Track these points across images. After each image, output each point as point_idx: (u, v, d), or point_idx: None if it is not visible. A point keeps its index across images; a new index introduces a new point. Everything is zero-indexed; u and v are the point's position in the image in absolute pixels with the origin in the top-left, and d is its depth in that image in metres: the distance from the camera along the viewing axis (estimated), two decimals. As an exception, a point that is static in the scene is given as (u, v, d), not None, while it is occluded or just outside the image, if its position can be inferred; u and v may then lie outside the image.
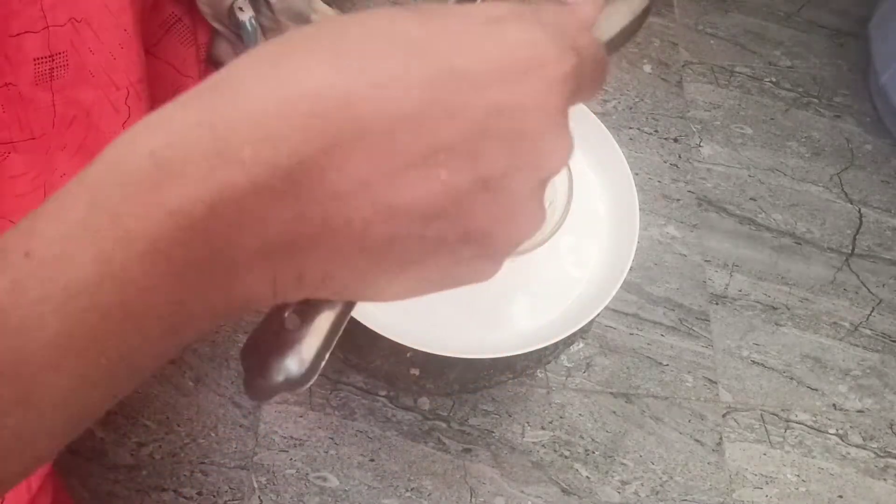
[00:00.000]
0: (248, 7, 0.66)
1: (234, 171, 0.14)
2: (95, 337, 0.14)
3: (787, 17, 0.90)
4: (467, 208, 0.15)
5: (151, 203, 0.14)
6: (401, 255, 0.16)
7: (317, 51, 0.15)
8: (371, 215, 0.15)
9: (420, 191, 0.15)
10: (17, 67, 0.56)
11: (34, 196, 0.55)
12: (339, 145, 0.14)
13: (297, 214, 0.14)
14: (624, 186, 0.54)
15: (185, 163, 0.14)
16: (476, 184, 0.15)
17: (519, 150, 0.15)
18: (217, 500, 0.57)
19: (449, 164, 0.15)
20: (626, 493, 0.61)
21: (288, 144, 0.14)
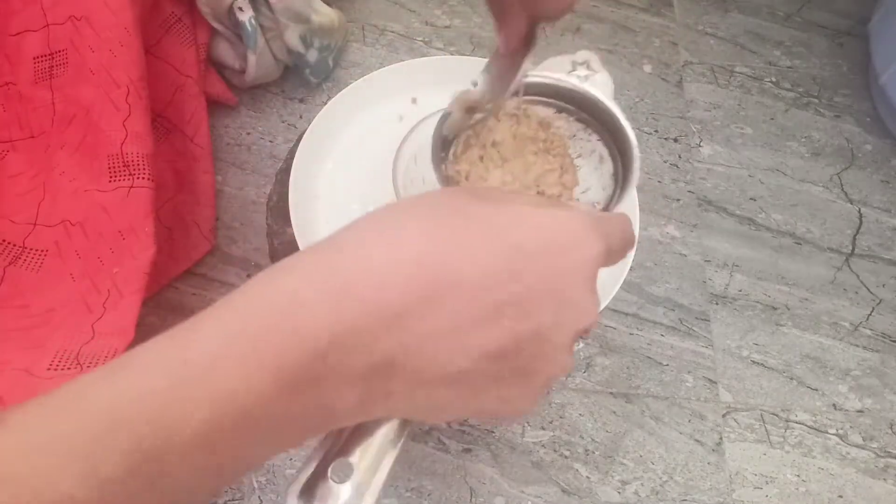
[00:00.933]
0: (248, 7, 0.66)
1: (354, 308, 0.18)
2: (225, 437, 0.17)
3: (787, 17, 0.90)
4: (522, 351, 0.20)
5: (287, 331, 0.17)
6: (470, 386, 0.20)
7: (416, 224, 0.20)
8: (454, 351, 0.19)
9: (492, 334, 0.19)
10: (16, 66, 0.56)
11: (34, 195, 0.55)
12: (434, 296, 0.18)
13: (397, 346, 0.18)
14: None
15: (317, 301, 0.18)
16: (530, 333, 0.20)
17: (561, 307, 0.20)
18: (217, 500, 0.57)
19: (513, 315, 0.19)
20: (626, 493, 0.60)
21: (397, 292, 0.18)
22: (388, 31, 0.82)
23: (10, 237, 0.53)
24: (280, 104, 0.75)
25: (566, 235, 0.21)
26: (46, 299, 0.52)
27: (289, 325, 0.17)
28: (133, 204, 0.53)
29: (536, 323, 0.20)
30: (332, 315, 0.18)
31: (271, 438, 0.19)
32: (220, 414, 0.17)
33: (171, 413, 0.17)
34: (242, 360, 0.17)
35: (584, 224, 0.21)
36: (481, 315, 0.19)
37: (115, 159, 0.53)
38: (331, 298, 0.18)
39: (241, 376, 0.17)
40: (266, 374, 0.17)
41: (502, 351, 0.20)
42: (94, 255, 0.52)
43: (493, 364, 0.20)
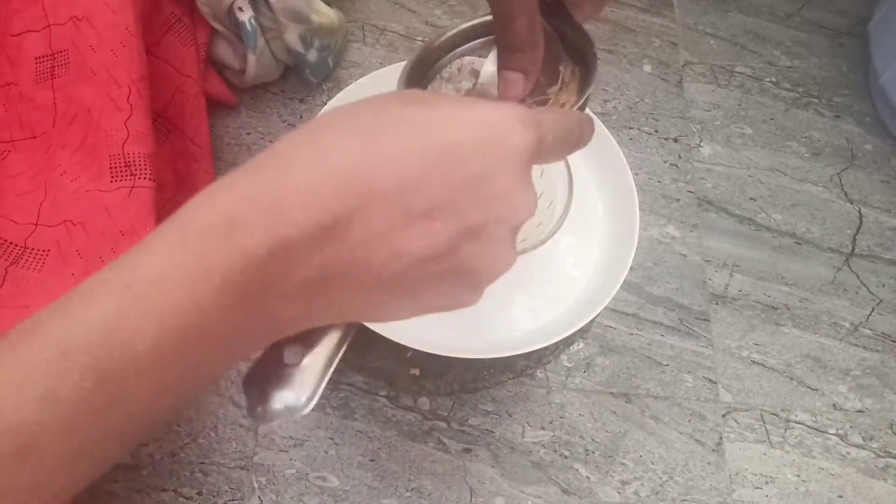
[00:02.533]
0: (248, 7, 0.66)
1: (288, 227, 0.18)
2: (177, 351, 0.18)
3: (787, 17, 0.90)
4: (457, 251, 0.21)
5: (226, 248, 0.18)
6: (407, 287, 0.21)
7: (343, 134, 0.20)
8: (385, 257, 0.20)
9: (421, 238, 0.20)
10: (17, 67, 0.56)
11: (35, 195, 0.55)
12: (362, 206, 0.19)
13: (331, 256, 0.19)
14: (624, 186, 0.54)
15: (252, 220, 0.19)
16: (463, 232, 0.20)
17: (492, 206, 0.21)
18: (217, 500, 0.57)
19: (442, 218, 0.20)
20: (626, 493, 0.60)
21: (326, 208, 0.19)
22: (388, 31, 0.82)
23: (12, 237, 0.54)
24: (280, 104, 0.75)
25: (492, 129, 0.21)
26: (48, 299, 0.52)
27: (228, 243, 0.18)
28: (135, 204, 0.53)
29: (468, 221, 0.20)
30: (266, 233, 0.18)
31: (223, 349, 0.20)
32: (170, 329, 0.18)
33: (122, 333, 0.18)
34: (186, 277, 0.18)
35: (511, 116, 0.21)
36: (409, 219, 0.19)
37: (117, 159, 0.53)
38: (264, 217, 0.18)
39: (186, 292, 0.18)
40: (210, 288, 0.18)
41: (435, 252, 0.20)
42: (96, 255, 0.52)
43: (428, 265, 0.20)
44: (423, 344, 0.46)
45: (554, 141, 0.23)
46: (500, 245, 0.22)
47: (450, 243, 0.20)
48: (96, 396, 0.18)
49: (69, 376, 0.17)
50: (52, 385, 0.17)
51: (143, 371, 0.18)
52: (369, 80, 0.57)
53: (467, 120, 0.21)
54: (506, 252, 0.22)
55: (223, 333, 0.19)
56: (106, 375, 0.18)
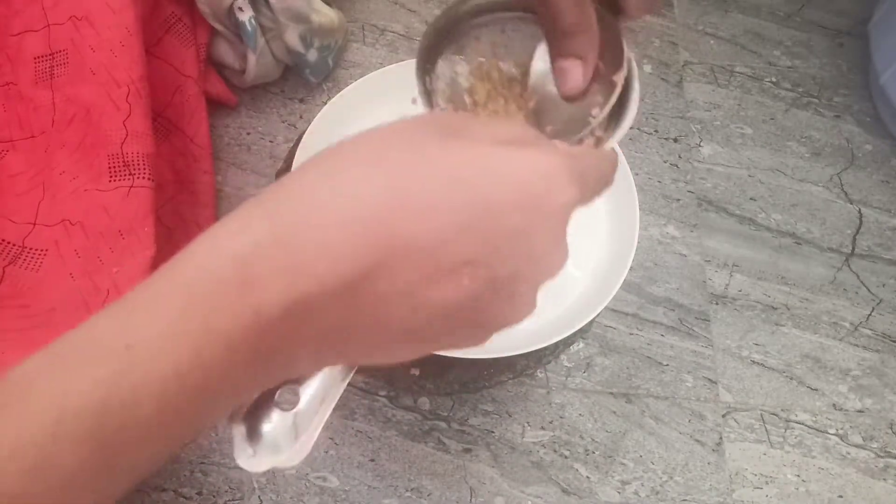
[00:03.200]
0: (248, 7, 0.66)
1: (310, 283, 0.17)
2: (179, 414, 0.17)
3: (787, 17, 0.90)
4: (480, 305, 0.19)
5: (237, 308, 0.17)
6: (420, 337, 0.20)
7: (370, 174, 0.18)
8: (407, 313, 0.18)
9: (446, 294, 0.18)
10: (17, 66, 0.56)
11: (34, 194, 0.55)
12: (388, 261, 0.17)
13: (351, 311, 0.18)
14: (624, 186, 0.54)
15: (268, 275, 0.17)
16: (491, 289, 0.19)
17: (526, 265, 0.19)
18: (217, 500, 0.57)
19: (472, 274, 0.18)
20: (626, 493, 0.60)
21: (351, 261, 0.17)
22: (388, 31, 0.82)
23: (10, 237, 0.53)
24: (280, 104, 0.75)
25: (536, 183, 0.19)
26: (46, 299, 0.52)
27: (240, 301, 0.17)
28: (133, 204, 0.53)
29: (497, 279, 0.19)
30: (283, 291, 0.17)
31: (225, 403, 0.19)
32: (172, 396, 0.17)
33: (120, 402, 0.16)
34: (192, 339, 0.17)
35: (557, 169, 0.19)
36: (437, 276, 0.18)
37: (116, 159, 0.53)
38: (282, 273, 0.17)
39: (191, 354, 0.17)
40: (218, 350, 0.17)
41: (459, 309, 0.19)
42: (94, 255, 0.52)
43: (448, 320, 0.19)
44: (422, 344, 0.45)
45: (592, 191, 0.22)
46: (523, 301, 0.20)
47: (474, 299, 0.19)
48: (92, 463, 0.17)
49: (64, 445, 0.16)
50: (46, 454, 0.16)
51: (143, 435, 0.17)
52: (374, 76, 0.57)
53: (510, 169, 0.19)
54: (527, 307, 0.21)
55: (229, 390, 0.18)
56: (103, 443, 0.16)
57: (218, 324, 0.17)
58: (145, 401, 0.17)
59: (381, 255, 0.17)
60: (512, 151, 0.19)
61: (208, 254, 0.18)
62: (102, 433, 0.16)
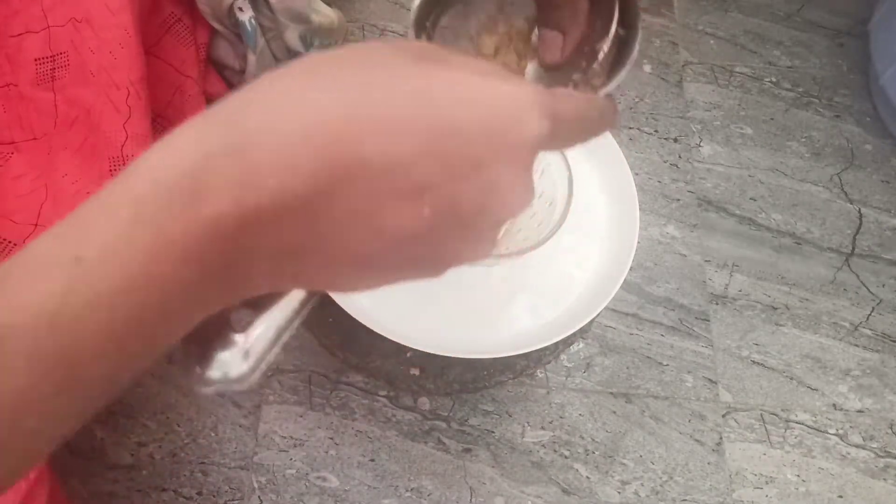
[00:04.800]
0: (248, 7, 0.66)
1: (261, 196, 0.16)
2: (133, 329, 0.17)
3: (787, 17, 0.90)
4: (441, 237, 0.19)
5: (189, 218, 0.16)
6: (379, 265, 0.19)
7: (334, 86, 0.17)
8: (365, 235, 0.18)
9: (406, 220, 0.18)
10: (17, 68, 0.56)
11: (36, 196, 0.55)
12: (346, 178, 0.17)
13: (306, 230, 0.17)
14: (624, 186, 0.54)
15: (219, 185, 0.16)
16: (451, 220, 0.18)
17: (488, 198, 0.19)
18: (217, 500, 0.57)
19: (433, 203, 0.18)
20: (626, 493, 0.61)
21: (306, 177, 0.16)
22: (388, 31, 0.82)
23: (11, 236, 0.54)
24: (280, 104, 0.75)
25: (507, 113, 0.18)
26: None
27: (191, 212, 0.16)
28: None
29: (458, 209, 0.18)
30: (236, 202, 0.16)
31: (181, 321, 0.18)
32: (125, 310, 0.16)
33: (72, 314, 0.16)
34: (143, 251, 0.16)
35: (528, 99, 0.19)
36: (397, 200, 0.17)
37: (116, 161, 0.53)
38: (233, 185, 0.16)
39: (142, 268, 0.16)
40: (169, 264, 0.16)
41: (417, 237, 0.18)
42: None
43: (406, 248, 0.18)
44: (423, 344, 0.46)
45: (567, 132, 0.21)
46: (484, 236, 0.20)
47: (435, 230, 0.18)
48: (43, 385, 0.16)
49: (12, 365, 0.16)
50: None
51: (95, 355, 0.17)
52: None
53: (482, 97, 0.18)
54: (487, 243, 0.20)
55: (182, 307, 0.17)
56: (54, 363, 0.16)
57: (168, 235, 0.16)
58: (97, 315, 0.16)
59: (340, 172, 0.17)
60: (485, 79, 0.18)
61: (160, 164, 0.17)
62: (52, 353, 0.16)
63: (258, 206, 0.16)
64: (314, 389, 0.61)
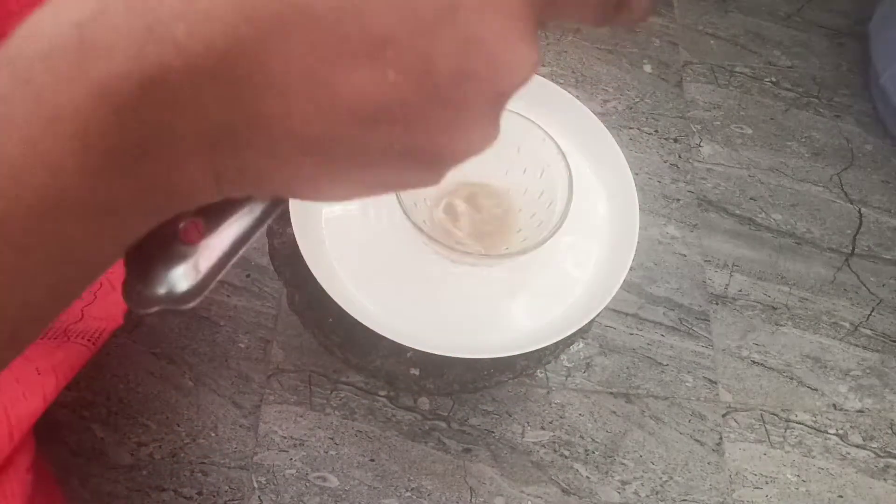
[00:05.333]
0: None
1: (166, 50, 0.13)
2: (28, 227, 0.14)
3: (787, 17, 0.90)
4: (415, 115, 0.14)
5: (77, 78, 0.13)
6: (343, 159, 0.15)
7: None
8: (311, 110, 0.14)
9: (365, 88, 0.13)
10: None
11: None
12: (279, 28, 0.13)
13: (234, 100, 0.13)
14: (624, 186, 0.54)
15: (112, 37, 0.13)
16: (426, 89, 0.14)
17: (474, 56, 0.14)
18: (217, 500, 0.57)
19: (397, 63, 0.13)
20: (626, 493, 0.61)
21: (224, 23, 0.13)
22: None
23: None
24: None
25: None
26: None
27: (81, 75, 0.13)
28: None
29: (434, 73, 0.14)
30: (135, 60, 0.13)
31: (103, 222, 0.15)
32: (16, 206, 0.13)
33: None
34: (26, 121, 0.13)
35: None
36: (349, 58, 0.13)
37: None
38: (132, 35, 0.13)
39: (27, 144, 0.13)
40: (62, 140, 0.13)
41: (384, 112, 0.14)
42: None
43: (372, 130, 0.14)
44: (423, 344, 0.46)
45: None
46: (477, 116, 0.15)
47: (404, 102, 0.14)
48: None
49: None
50: None
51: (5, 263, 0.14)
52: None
53: None
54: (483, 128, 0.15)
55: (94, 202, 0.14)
56: None
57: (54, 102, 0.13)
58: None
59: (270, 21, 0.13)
60: None
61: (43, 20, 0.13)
62: None
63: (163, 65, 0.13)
64: (314, 389, 0.61)
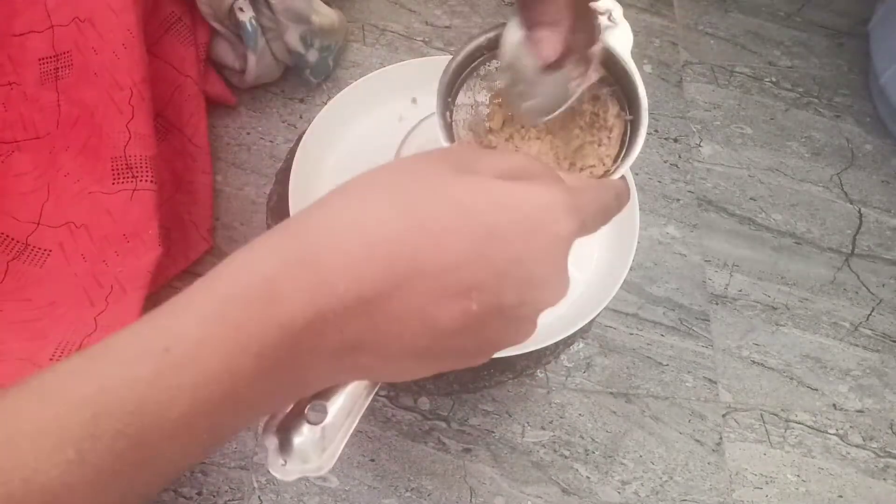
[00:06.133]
0: (249, 7, 0.66)
1: (330, 300, 0.19)
2: (208, 417, 0.19)
3: (787, 17, 0.90)
4: (485, 328, 0.21)
5: (266, 320, 0.18)
6: (432, 356, 0.21)
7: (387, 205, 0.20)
8: (419, 330, 0.20)
9: (456, 316, 0.20)
10: (20, 67, 0.56)
11: (38, 195, 0.55)
12: (404, 282, 0.19)
13: (366, 328, 0.20)
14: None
15: (293, 291, 0.19)
16: (496, 312, 0.21)
17: (528, 291, 0.21)
18: (217, 500, 0.57)
19: (480, 299, 0.20)
20: (626, 493, 0.61)
21: (370, 282, 0.19)
22: (388, 31, 0.82)
23: (14, 234, 0.54)
24: (280, 104, 0.75)
25: (537, 214, 0.21)
26: (49, 293, 0.52)
27: (268, 314, 0.18)
28: (137, 207, 0.53)
29: (502, 303, 0.20)
30: (306, 305, 0.19)
31: (250, 411, 0.20)
32: (203, 399, 0.18)
33: (156, 400, 0.18)
34: (224, 347, 0.18)
35: (557, 201, 0.21)
36: (447, 297, 0.20)
37: (119, 161, 0.53)
38: (306, 290, 0.19)
39: (223, 362, 0.18)
40: (246, 358, 0.18)
41: (466, 329, 0.20)
42: (99, 258, 0.53)
43: (457, 340, 0.21)
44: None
45: (593, 220, 0.24)
46: (525, 324, 0.22)
47: (481, 322, 0.20)
48: (125, 459, 0.18)
49: (101, 441, 0.17)
50: (83, 448, 0.17)
51: (174, 436, 0.18)
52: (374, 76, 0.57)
53: (514, 202, 0.20)
54: (527, 330, 0.22)
55: (254, 398, 0.19)
56: (136, 440, 0.18)
57: (247, 334, 0.18)
58: (179, 402, 0.18)
59: (398, 277, 0.19)
60: (515, 185, 0.21)
61: (240, 271, 0.19)
62: (137, 431, 0.18)
63: (326, 310, 0.19)
64: (314, 389, 0.61)
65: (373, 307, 0.19)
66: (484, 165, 0.22)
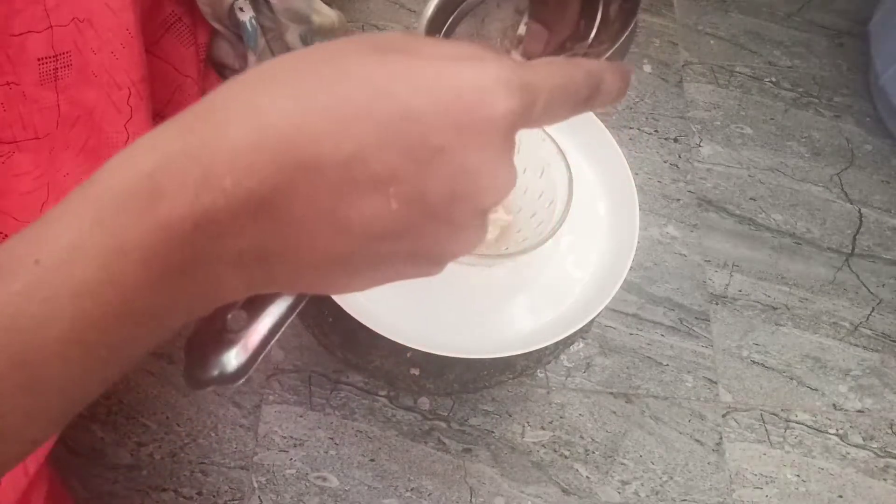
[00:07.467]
0: (249, 7, 0.66)
1: (216, 197, 0.16)
2: (97, 331, 0.17)
3: (787, 17, 0.90)
4: (415, 232, 0.18)
5: (146, 220, 0.16)
6: (359, 265, 0.19)
7: (289, 89, 0.17)
8: (332, 235, 0.17)
9: (373, 216, 0.17)
10: (19, 67, 0.56)
11: (38, 194, 0.55)
12: (303, 177, 0.17)
13: (268, 232, 0.17)
14: (624, 186, 0.54)
15: (175, 187, 0.16)
16: (422, 213, 0.18)
17: (460, 184, 0.18)
18: (217, 500, 0.57)
19: (399, 195, 0.17)
20: (626, 493, 0.61)
21: (261, 175, 0.16)
22: (388, 30, 0.82)
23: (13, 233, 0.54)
24: (281, 104, 0.75)
25: (467, 95, 0.17)
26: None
27: (148, 215, 0.16)
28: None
29: (429, 200, 0.17)
30: (193, 205, 0.16)
31: (152, 324, 0.18)
32: (87, 311, 0.17)
33: (30, 315, 0.16)
34: (100, 252, 0.16)
35: (495, 77, 0.17)
36: (359, 194, 0.17)
37: (117, 160, 0.53)
38: (190, 186, 0.16)
39: (101, 270, 0.16)
40: (128, 264, 0.17)
41: (388, 232, 0.18)
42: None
43: (382, 244, 0.18)
44: (423, 344, 0.46)
45: (548, 102, 0.19)
46: (467, 227, 0.19)
47: (407, 224, 0.18)
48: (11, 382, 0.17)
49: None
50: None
51: (58, 355, 0.17)
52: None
53: (439, 81, 0.17)
54: (473, 234, 0.19)
55: (148, 310, 0.17)
56: (15, 361, 0.16)
57: (126, 237, 0.16)
58: (59, 316, 0.16)
59: (293, 171, 0.16)
60: (449, 64, 0.18)
61: (119, 168, 0.17)
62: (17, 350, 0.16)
63: (214, 207, 0.16)
64: (314, 389, 0.61)
65: (272, 208, 0.17)
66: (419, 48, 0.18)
